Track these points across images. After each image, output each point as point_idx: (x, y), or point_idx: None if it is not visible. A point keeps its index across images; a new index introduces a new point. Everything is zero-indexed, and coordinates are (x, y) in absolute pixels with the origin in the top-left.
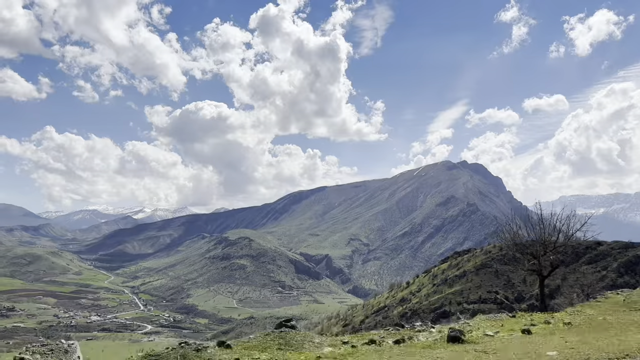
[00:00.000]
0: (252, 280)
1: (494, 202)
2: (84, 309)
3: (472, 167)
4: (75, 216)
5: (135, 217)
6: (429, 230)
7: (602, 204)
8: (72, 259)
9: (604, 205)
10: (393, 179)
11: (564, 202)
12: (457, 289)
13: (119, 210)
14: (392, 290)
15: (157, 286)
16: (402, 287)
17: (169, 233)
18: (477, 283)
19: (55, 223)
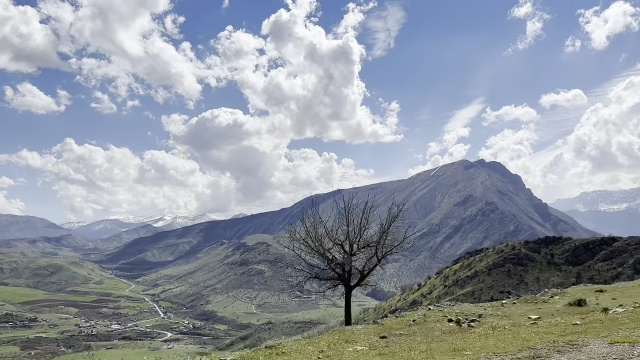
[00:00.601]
0: (270, 285)
1: (513, 200)
2: (104, 317)
3: (490, 166)
4: (97, 226)
5: (155, 225)
6: (447, 230)
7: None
8: (93, 269)
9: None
10: (410, 179)
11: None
12: (468, 289)
13: (140, 219)
14: (404, 293)
15: (177, 293)
16: (414, 289)
17: (188, 240)
18: (489, 283)
19: (77, 233)
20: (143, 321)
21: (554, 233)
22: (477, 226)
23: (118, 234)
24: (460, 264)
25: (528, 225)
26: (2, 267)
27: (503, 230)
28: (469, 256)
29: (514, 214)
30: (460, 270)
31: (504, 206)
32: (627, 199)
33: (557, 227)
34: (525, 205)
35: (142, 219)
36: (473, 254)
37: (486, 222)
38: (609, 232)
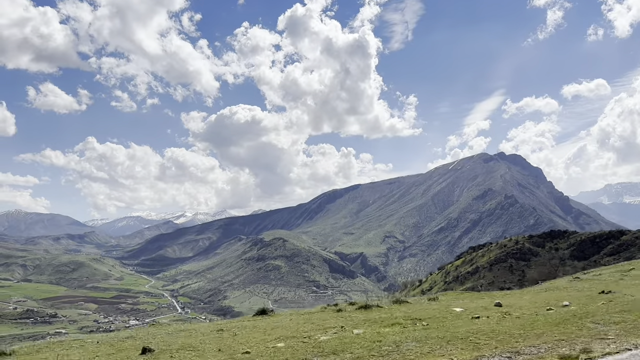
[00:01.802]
0: (286, 280)
1: (534, 193)
2: (123, 313)
3: (510, 159)
4: (120, 223)
5: (177, 221)
6: (465, 225)
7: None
8: (114, 265)
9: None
10: (428, 173)
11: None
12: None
13: (162, 216)
14: (406, 289)
15: (195, 289)
16: (415, 285)
17: (207, 236)
18: (490, 279)
19: (100, 230)
20: (161, 317)
21: (575, 226)
22: (496, 220)
23: (140, 230)
24: (463, 259)
25: (549, 218)
26: (26, 264)
27: (523, 224)
28: (471, 251)
29: (534, 207)
30: (462, 265)
31: (524, 199)
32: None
33: (579, 220)
34: (546, 198)
35: (164, 216)
36: (476, 249)
37: (505, 216)
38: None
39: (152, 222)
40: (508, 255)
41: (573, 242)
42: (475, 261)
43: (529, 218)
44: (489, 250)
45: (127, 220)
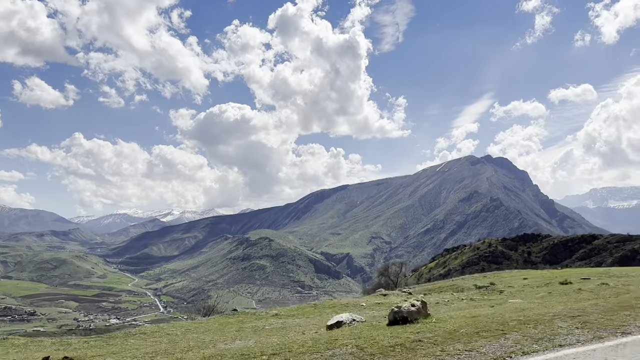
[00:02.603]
0: (271, 280)
1: (519, 196)
2: (104, 312)
3: (497, 162)
4: (106, 220)
5: (164, 219)
6: (451, 226)
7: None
8: (97, 263)
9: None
10: (415, 175)
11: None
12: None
13: (149, 214)
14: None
15: (179, 288)
16: None
17: (193, 235)
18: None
19: (85, 227)
20: (142, 316)
21: (560, 230)
22: (481, 222)
23: (126, 228)
24: (437, 261)
25: (533, 221)
26: (7, 261)
27: (507, 227)
28: (445, 253)
29: (519, 210)
30: (436, 268)
31: (510, 202)
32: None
33: (564, 224)
34: (532, 201)
35: (151, 214)
36: (450, 251)
37: (491, 219)
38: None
39: (138, 219)
40: (480, 258)
41: (546, 245)
42: (448, 263)
43: (513, 221)
44: (462, 253)
45: (113, 218)
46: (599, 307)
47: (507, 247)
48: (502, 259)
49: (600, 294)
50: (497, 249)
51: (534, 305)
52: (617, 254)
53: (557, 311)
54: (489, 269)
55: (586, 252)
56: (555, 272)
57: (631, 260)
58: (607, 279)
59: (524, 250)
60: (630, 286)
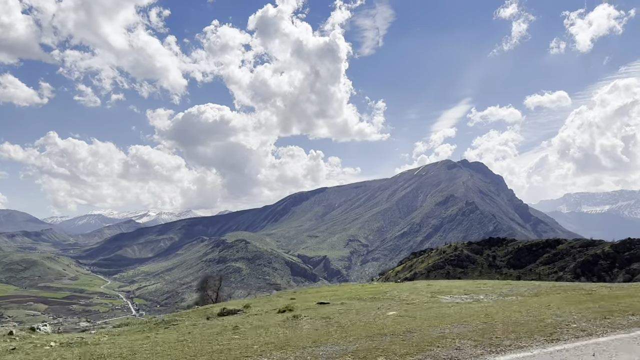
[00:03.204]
0: (247, 283)
1: (494, 200)
2: (74, 314)
3: (473, 166)
4: (80, 221)
5: (139, 221)
6: (427, 230)
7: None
8: (69, 264)
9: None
10: (393, 178)
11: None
12: None
13: (124, 215)
14: None
15: (152, 290)
16: None
17: (169, 237)
18: None
19: (58, 228)
20: (113, 319)
21: (534, 234)
22: (457, 226)
23: (100, 229)
24: (404, 265)
25: (508, 225)
26: None
27: (482, 231)
28: (412, 257)
29: (494, 214)
30: (402, 271)
31: (485, 206)
32: (610, 201)
33: (537, 228)
34: (506, 205)
35: (127, 215)
36: (417, 255)
37: (466, 222)
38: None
39: (113, 220)
40: (446, 261)
41: (510, 249)
42: (414, 267)
43: (488, 225)
44: (428, 257)
45: (87, 219)
46: None
47: (473, 251)
48: (468, 262)
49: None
50: (462, 253)
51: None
52: (580, 259)
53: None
54: (454, 273)
55: (550, 256)
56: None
57: (593, 265)
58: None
59: (489, 254)
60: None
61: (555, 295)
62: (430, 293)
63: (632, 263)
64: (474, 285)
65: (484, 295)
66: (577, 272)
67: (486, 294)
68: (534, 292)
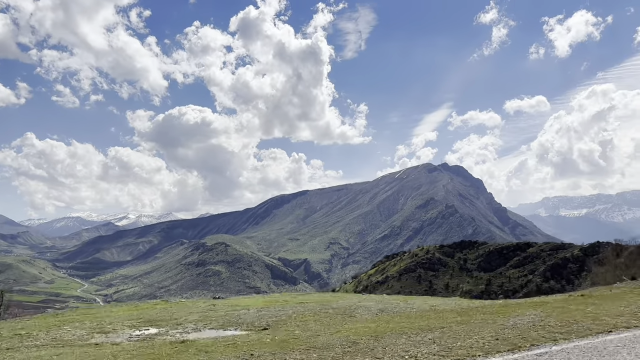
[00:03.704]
0: (226, 286)
1: (474, 203)
2: None
3: (453, 170)
4: (58, 223)
5: (119, 223)
6: (408, 233)
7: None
8: (45, 267)
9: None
10: (375, 181)
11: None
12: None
13: (103, 217)
14: None
15: (130, 294)
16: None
17: (148, 240)
18: (397, 289)
19: (36, 231)
20: None
21: (512, 237)
22: (436, 229)
23: (78, 232)
24: (377, 268)
25: (487, 228)
26: None
27: (462, 233)
28: (385, 260)
29: (473, 217)
30: (375, 275)
31: (464, 209)
32: (587, 205)
33: (516, 231)
34: (485, 209)
35: (106, 217)
36: (390, 258)
37: (446, 225)
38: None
39: (92, 223)
40: (418, 265)
41: (482, 252)
42: (386, 270)
43: (467, 228)
44: (401, 260)
45: (66, 221)
46: None
47: (445, 254)
48: (439, 265)
49: None
50: (434, 256)
51: None
52: (550, 262)
53: None
54: (426, 276)
55: (520, 259)
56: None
57: (563, 268)
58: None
59: (460, 257)
60: None
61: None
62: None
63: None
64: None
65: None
66: (547, 276)
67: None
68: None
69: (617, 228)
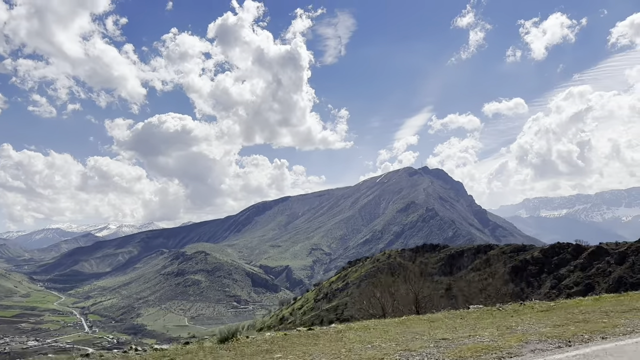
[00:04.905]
0: (206, 296)
1: (454, 206)
2: (22, 333)
3: (433, 173)
4: (38, 235)
5: (99, 234)
6: (389, 237)
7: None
8: (21, 281)
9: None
10: (356, 186)
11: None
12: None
13: (83, 228)
14: (281, 308)
15: (108, 306)
16: (290, 303)
17: (128, 250)
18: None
19: (13, 243)
20: (64, 336)
21: (492, 239)
22: (417, 232)
23: (57, 243)
24: (338, 274)
25: (467, 231)
26: None
27: (442, 236)
28: (348, 266)
29: (453, 220)
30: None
31: (444, 212)
32: (567, 205)
33: (496, 233)
34: (466, 211)
35: (86, 228)
36: (353, 264)
37: (426, 228)
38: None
39: (72, 234)
40: (378, 270)
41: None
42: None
43: (447, 230)
44: (362, 265)
45: (45, 233)
46: None
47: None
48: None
49: None
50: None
51: None
52: (510, 264)
53: None
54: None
55: (481, 262)
56: None
57: (522, 270)
58: None
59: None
60: None
61: None
62: None
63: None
64: None
65: None
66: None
67: None
68: None
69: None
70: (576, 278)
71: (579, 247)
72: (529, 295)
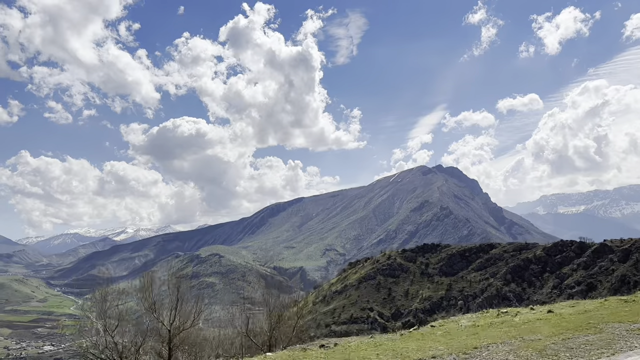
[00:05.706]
0: (220, 298)
1: (469, 204)
2: (38, 338)
3: (448, 171)
4: (56, 240)
5: (117, 238)
6: (403, 236)
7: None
8: (38, 286)
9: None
10: (370, 186)
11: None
12: (331, 307)
13: (101, 232)
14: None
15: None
16: (289, 306)
17: (144, 254)
18: (354, 299)
19: (33, 249)
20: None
21: (508, 237)
22: (432, 231)
23: (75, 248)
24: (338, 277)
25: (482, 229)
26: None
27: (457, 235)
28: (349, 268)
29: (468, 218)
30: (336, 283)
31: (459, 211)
32: (585, 201)
33: (512, 231)
34: (481, 209)
35: (104, 232)
36: (353, 265)
37: (440, 227)
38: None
39: (90, 239)
40: (378, 271)
41: (444, 256)
42: (347, 279)
43: (462, 229)
44: (362, 267)
45: (63, 238)
46: None
47: (406, 259)
48: (400, 271)
49: None
50: (395, 262)
51: None
52: (512, 264)
53: None
54: (386, 283)
55: (482, 262)
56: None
57: (524, 270)
58: None
59: (422, 262)
60: None
61: None
62: None
63: (562, 266)
64: None
65: None
66: (507, 279)
67: None
68: None
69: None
70: (579, 277)
71: (582, 245)
72: (530, 295)
